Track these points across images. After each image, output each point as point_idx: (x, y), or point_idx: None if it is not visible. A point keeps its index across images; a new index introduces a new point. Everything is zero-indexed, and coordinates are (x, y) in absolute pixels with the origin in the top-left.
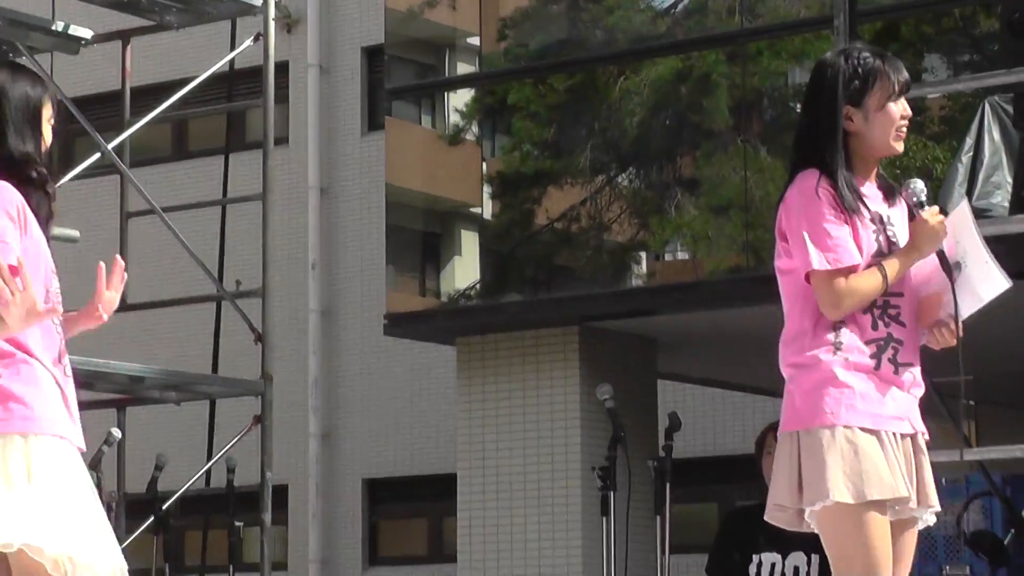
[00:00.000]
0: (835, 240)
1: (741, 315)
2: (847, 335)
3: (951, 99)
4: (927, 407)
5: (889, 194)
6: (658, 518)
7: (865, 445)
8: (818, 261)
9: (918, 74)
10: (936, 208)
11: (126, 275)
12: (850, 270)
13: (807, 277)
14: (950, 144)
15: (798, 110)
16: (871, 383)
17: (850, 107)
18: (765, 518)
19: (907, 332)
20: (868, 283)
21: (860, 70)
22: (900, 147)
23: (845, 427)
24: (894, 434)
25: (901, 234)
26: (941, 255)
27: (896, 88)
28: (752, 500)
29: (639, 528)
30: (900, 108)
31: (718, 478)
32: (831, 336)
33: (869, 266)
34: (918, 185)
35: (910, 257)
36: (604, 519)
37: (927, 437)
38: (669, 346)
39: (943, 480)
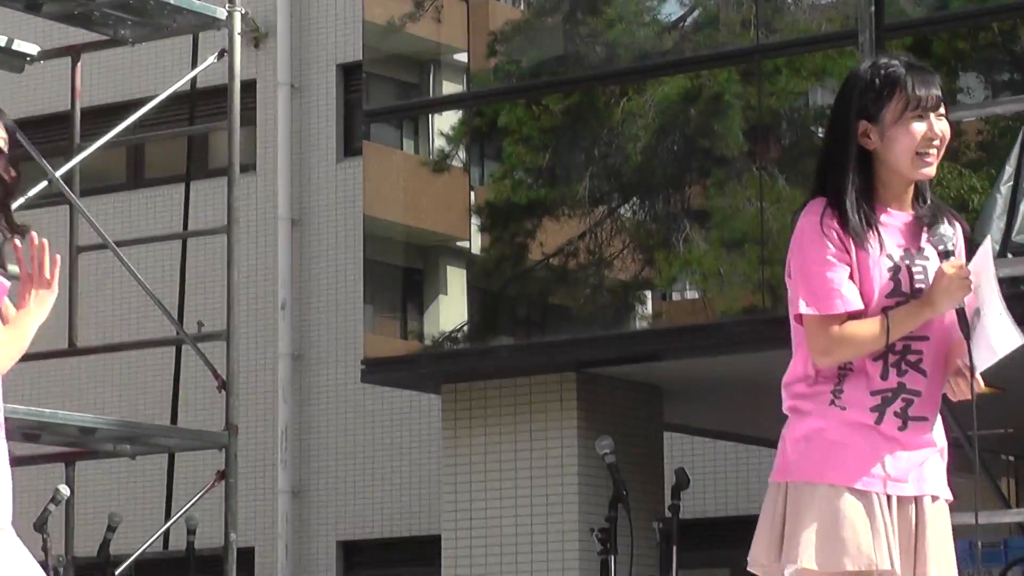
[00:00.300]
0: (831, 283)
1: (756, 361)
2: (850, 385)
3: (989, 122)
4: (958, 463)
5: (936, 224)
6: None
7: (847, 508)
8: (809, 305)
9: (952, 95)
10: (961, 261)
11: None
12: (846, 317)
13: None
14: (988, 172)
15: (820, 134)
16: (869, 439)
17: (867, 122)
18: (748, 569)
19: (926, 383)
20: (864, 333)
21: (879, 80)
22: (927, 172)
23: (830, 485)
24: (889, 497)
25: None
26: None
27: (920, 102)
28: None
29: None
30: (925, 127)
31: (730, 541)
32: (831, 385)
33: (885, 308)
34: (944, 230)
35: (922, 313)
36: None
37: (948, 498)
38: (676, 395)
39: (978, 544)
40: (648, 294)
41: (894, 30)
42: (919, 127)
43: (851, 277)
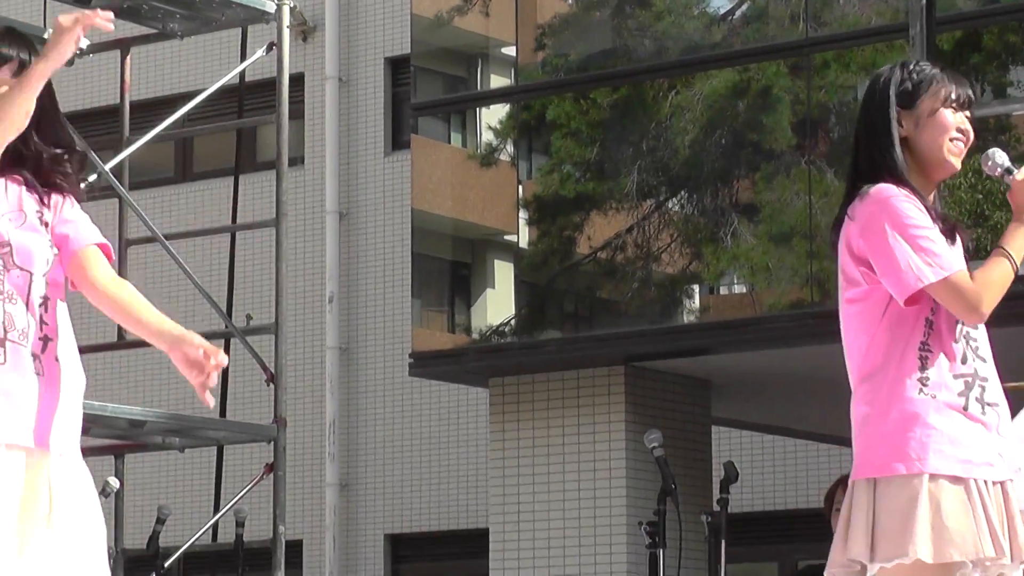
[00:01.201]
0: (940, 247)
1: (804, 355)
2: (935, 370)
3: None
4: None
5: (946, 230)
6: None
7: (950, 497)
8: (933, 273)
9: (1003, 89)
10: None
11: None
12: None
13: (911, 300)
14: None
15: None
16: (960, 425)
17: (901, 110)
18: (828, 570)
19: (989, 368)
20: (996, 271)
21: (914, 75)
22: (956, 163)
23: (930, 475)
24: (984, 482)
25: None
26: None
27: (954, 97)
28: (816, 560)
29: None
30: (957, 120)
31: (779, 535)
32: (917, 371)
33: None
34: (999, 154)
35: (1020, 229)
36: None
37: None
38: (724, 389)
39: None
40: (696, 288)
41: (945, 23)
42: (955, 117)
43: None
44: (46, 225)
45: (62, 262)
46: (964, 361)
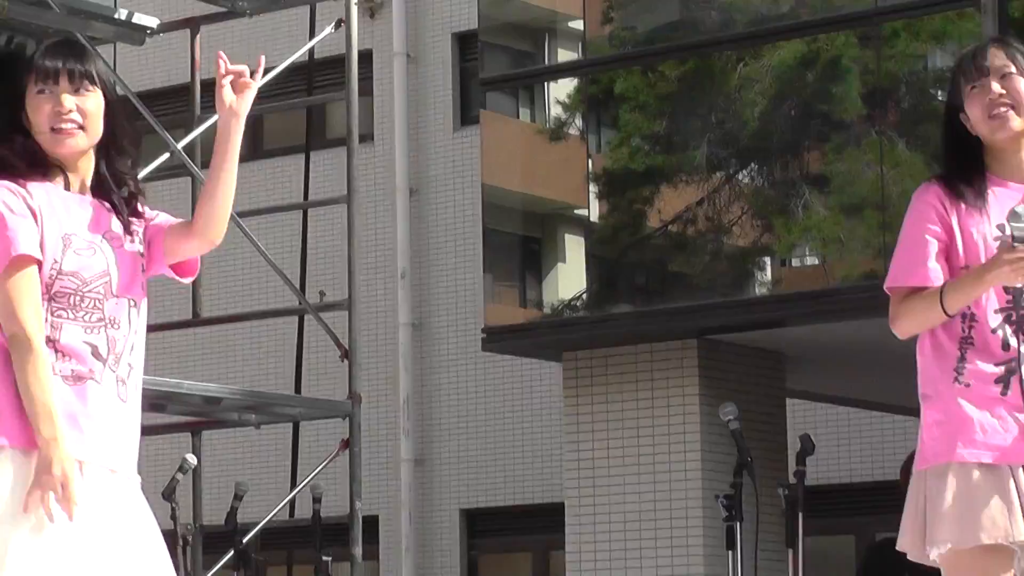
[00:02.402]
0: (910, 255)
1: (878, 326)
2: (971, 359)
3: None
4: None
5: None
6: (790, 552)
7: (979, 483)
8: (889, 277)
9: None
10: None
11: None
12: (915, 290)
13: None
14: None
15: (939, 97)
16: (995, 413)
17: (961, 108)
18: (901, 550)
19: None
20: (918, 307)
21: (953, 76)
22: (1002, 132)
23: (960, 464)
24: (1020, 468)
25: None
26: None
27: (972, 75)
28: (893, 532)
29: (769, 563)
30: (986, 93)
31: (856, 508)
32: (954, 362)
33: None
34: (1021, 212)
35: (976, 287)
36: (730, 553)
37: None
38: (798, 361)
39: None
40: (767, 260)
41: None
42: (981, 95)
43: (947, 250)
44: (134, 238)
45: (158, 251)
46: (1006, 348)
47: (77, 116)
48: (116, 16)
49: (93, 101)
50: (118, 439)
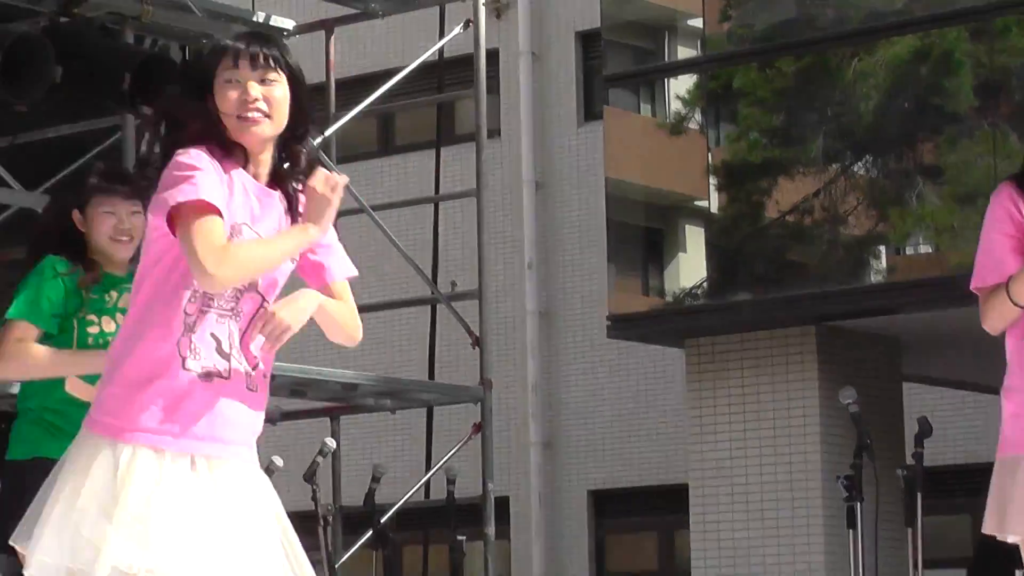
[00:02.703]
0: (988, 256)
1: None
2: None
3: None
4: None
5: None
6: (909, 531)
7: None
8: (973, 279)
9: None
10: None
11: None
12: (995, 288)
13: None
14: None
15: None
16: None
17: None
18: (987, 532)
19: None
20: (994, 303)
21: None
22: None
23: (1014, 456)
24: None
25: None
26: None
27: None
28: None
29: (889, 542)
30: None
31: (973, 488)
32: (1018, 355)
33: None
34: None
35: None
36: (851, 532)
37: None
38: (914, 346)
39: None
40: (883, 249)
41: None
42: None
43: (1020, 246)
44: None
45: (307, 275)
46: None
47: (263, 104)
48: (254, 19)
49: (280, 89)
50: (245, 427)
